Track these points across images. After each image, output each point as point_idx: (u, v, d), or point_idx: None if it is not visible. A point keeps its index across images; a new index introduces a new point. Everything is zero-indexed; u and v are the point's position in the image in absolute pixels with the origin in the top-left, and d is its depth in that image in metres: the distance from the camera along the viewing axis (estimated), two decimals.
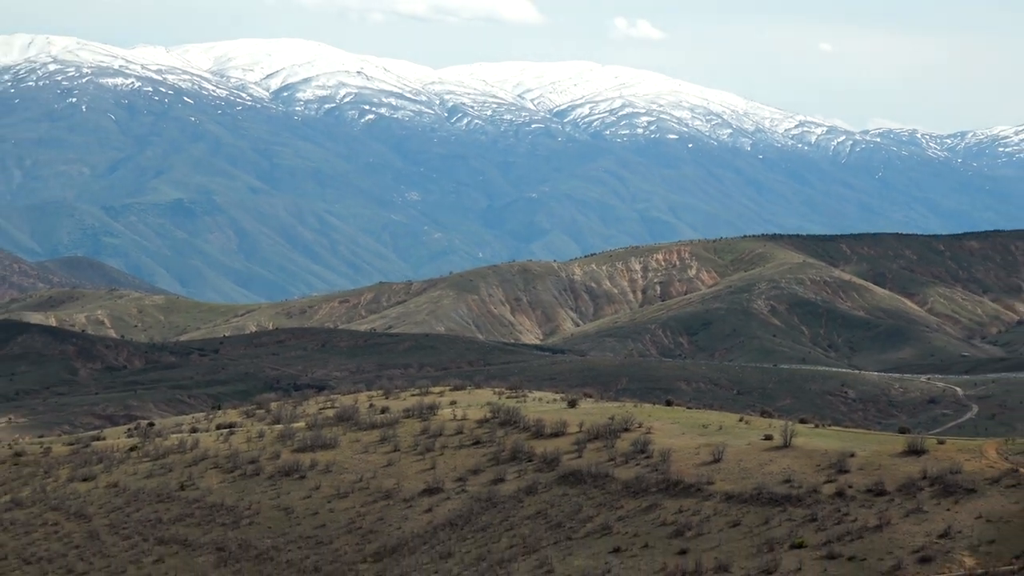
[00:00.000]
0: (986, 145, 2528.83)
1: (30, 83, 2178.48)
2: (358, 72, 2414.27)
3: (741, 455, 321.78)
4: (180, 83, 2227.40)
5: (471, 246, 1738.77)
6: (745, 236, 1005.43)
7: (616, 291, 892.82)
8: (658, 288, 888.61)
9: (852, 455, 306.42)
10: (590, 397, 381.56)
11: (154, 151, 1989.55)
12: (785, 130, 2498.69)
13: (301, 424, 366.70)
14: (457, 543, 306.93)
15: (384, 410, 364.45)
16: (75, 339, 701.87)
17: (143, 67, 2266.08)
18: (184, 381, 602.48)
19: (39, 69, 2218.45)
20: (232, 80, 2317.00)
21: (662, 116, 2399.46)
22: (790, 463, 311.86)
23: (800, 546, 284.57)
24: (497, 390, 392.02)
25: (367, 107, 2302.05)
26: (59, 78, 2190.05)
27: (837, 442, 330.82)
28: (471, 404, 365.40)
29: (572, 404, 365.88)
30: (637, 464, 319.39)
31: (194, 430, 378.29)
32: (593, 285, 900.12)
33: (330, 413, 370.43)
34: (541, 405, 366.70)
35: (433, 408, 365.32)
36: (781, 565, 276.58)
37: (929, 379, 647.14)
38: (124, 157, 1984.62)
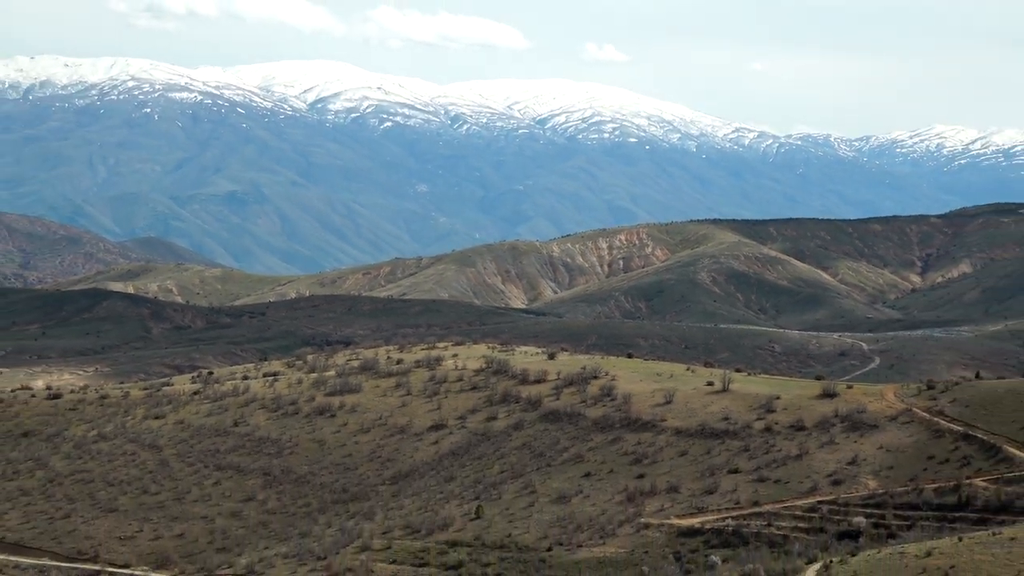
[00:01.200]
0: (886, 147, 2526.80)
1: (112, 97, 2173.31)
2: (378, 88, 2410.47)
3: (688, 398, 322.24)
4: (234, 97, 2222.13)
5: (469, 229, 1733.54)
6: (691, 220, 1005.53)
7: (587, 265, 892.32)
8: (621, 263, 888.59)
9: (778, 398, 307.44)
10: (566, 351, 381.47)
11: (212, 152, 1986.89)
12: (724, 135, 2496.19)
13: (332, 373, 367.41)
14: (458, 469, 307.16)
15: (399, 361, 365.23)
16: (149, 304, 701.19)
17: (204, 84, 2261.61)
18: (237, 338, 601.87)
19: (120, 86, 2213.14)
20: (276, 94, 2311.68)
21: (624, 124, 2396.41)
22: (728, 404, 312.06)
23: (736, 471, 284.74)
24: (490, 345, 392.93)
25: (385, 116, 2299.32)
26: (136, 93, 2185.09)
27: (766, 387, 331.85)
28: (469, 356, 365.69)
29: (551, 356, 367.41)
30: (604, 405, 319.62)
31: (245, 378, 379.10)
32: (568, 260, 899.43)
33: (355, 364, 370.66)
34: (526, 357, 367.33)
35: (439, 360, 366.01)
36: (720, 486, 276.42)
37: (840, 336, 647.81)
38: (188, 157, 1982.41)
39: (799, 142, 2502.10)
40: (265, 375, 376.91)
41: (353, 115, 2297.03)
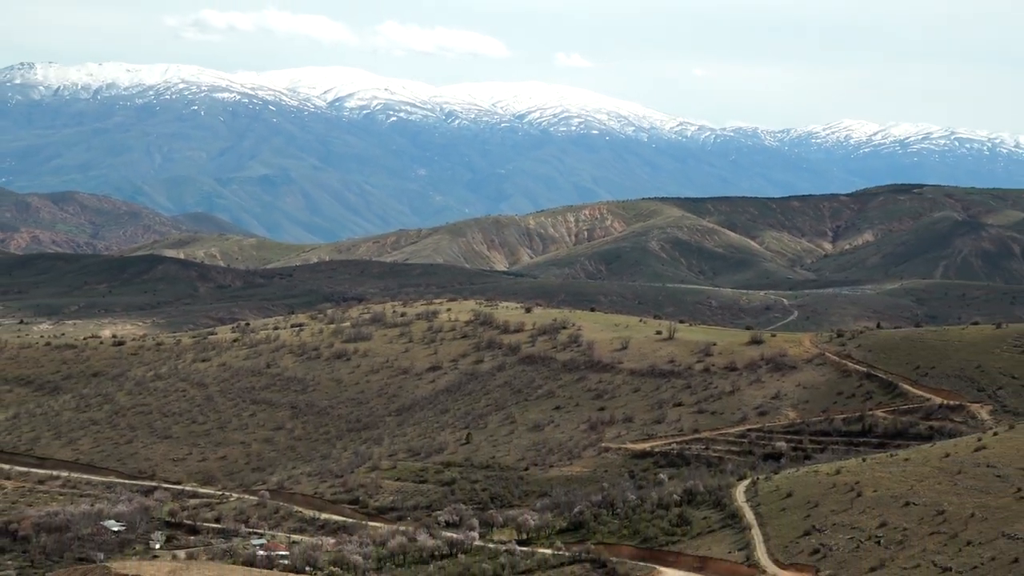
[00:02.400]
0: (804, 138, 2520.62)
1: (166, 96, 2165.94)
2: (385, 89, 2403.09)
3: (640, 344, 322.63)
4: (266, 96, 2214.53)
5: (460, 205, 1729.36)
6: (643, 198, 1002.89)
7: (557, 235, 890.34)
8: (585, 233, 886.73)
9: (714, 344, 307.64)
10: (540, 306, 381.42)
11: (248, 142, 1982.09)
12: (670, 128, 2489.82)
13: (347, 324, 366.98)
14: (451, 403, 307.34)
15: (402, 315, 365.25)
16: (196, 267, 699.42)
17: (241, 86, 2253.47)
18: (269, 295, 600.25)
19: (172, 87, 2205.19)
20: (301, 94, 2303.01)
21: (588, 119, 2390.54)
22: (673, 349, 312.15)
23: (680, 405, 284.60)
24: (478, 301, 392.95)
25: (391, 112, 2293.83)
26: (185, 93, 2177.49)
27: (704, 336, 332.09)
28: (460, 311, 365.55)
29: (528, 310, 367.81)
30: (571, 350, 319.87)
31: (276, 328, 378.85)
32: (542, 231, 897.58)
33: (367, 316, 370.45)
34: (507, 311, 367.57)
35: (435, 313, 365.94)
36: (667, 417, 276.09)
37: (765, 293, 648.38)
38: (228, 146, 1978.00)
39: (732, 134, 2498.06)
40: (292, 326, 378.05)
41: (364, 112, 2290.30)
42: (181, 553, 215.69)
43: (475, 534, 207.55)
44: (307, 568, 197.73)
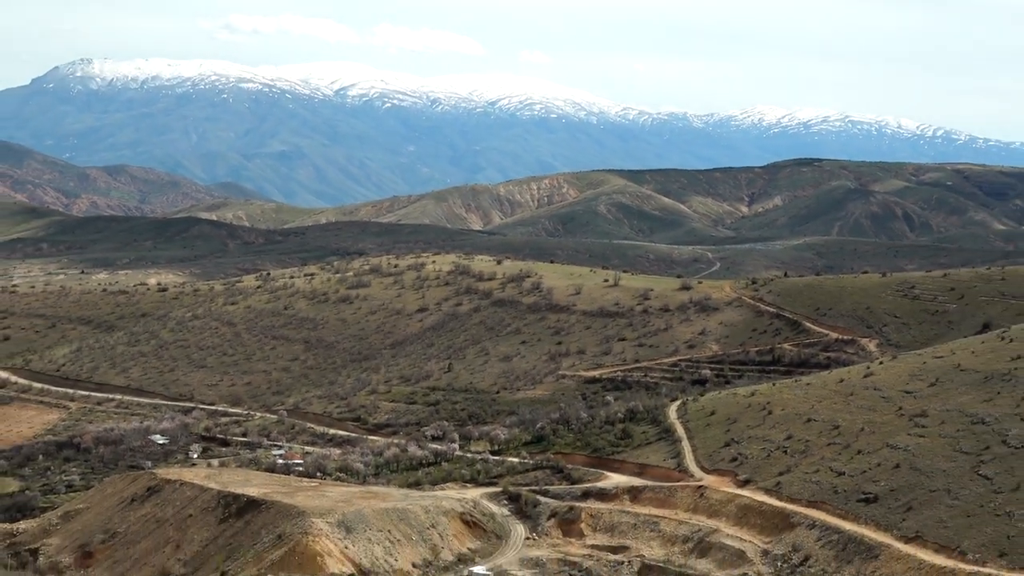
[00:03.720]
0: (725, 120, 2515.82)
1: (200, 87, 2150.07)
2: (381, 80, 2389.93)
3: (591, 290, 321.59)
4: (284, 86, 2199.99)
5: (443, 176, 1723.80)
6: (593, 170, 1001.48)
7: (523, 201, 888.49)
8: (545, 199, 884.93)
9: (651, 290, 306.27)
10: (509, 258, 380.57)
11: (269, 124, 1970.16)
12: (615, 112, 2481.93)
13: (350, 273, 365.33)
14: (436, 338, 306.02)
15: (396, 266, 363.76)
16: (226, 227, 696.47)
17: (263, 78, 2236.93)
18: (286, 250, 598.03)
19: (206, 79, 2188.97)
20: (312, 85, 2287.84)
21: (548, 105, 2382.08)
22: (618, 294, 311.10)
23: (623, 339, 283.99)
24: (458, 255, 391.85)
25: (387, 99, 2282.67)
26: (217, 84, 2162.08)
27: (643, 283, 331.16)
28: (443, 263, 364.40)
29: (499, 262, 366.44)
30: (534, 295, 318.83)
31: (291, 277, 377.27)
32: (510, 197, 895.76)
33: (366, 267, 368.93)
34: (482, 263, 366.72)
35: (422, 265, 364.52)
36: (613, 350, 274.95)
37: (693, 248, 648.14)
38: (252, 127, 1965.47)
39: (666, 117, 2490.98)
40: (305, 275, 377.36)
41: (364, 99, 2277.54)
42: (215, 461, 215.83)
43: (456, 446, 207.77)
44: (318, 474, 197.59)
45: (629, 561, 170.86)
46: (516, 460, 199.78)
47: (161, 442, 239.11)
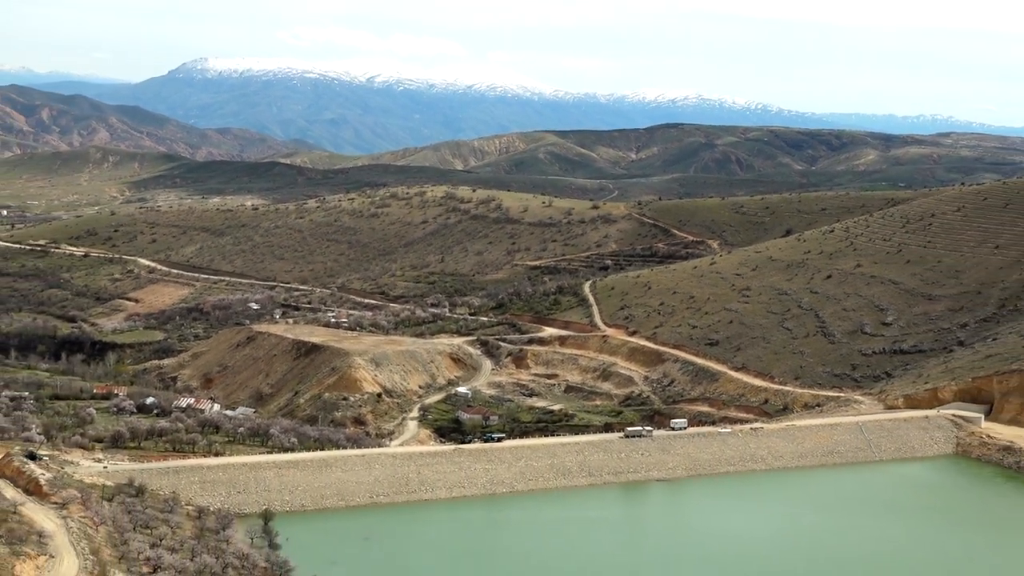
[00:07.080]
0: (621, 98, 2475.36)
1: (278, 76, 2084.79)
2: (396, 71, 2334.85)
3: (534, 209, 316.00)
4: (332, 76, 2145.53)
5: (438, 136, 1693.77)
6: (535, 131, 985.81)
7: (490, 151, 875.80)
8: (505, 150, 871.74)
9: (573, 208, 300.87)
10: (480, 188, 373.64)
11: (323, 101, 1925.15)
12: (550, 93, 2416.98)
13: (377, 198, 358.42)
14: (434, 240, 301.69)
15: (407, 193, 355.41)
16: (296, 168, 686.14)
17: (319, 70, 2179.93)
18: (336, 184, 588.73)
19: (282, 71, 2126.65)
20: (351, 74, 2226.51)
21: (506, 88, 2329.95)
22: (551, 212, 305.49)
23: (555, 241, 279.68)
24: (447, 186, 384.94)
25: (400, 84, 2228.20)
26: (289, 74, 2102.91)
27: (568, 204, 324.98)
28: (438, 191, 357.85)
29: (474, 191, 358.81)
30: (496, 212, 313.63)
31: (339, 200, 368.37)
32: (481, 149, 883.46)
33: (388, 195, 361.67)
34: (464, 191, 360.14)
35: (424, 192, 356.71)
36: (548, 248, 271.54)
37: (601, 181, 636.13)
38: (312, 103, 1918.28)
39: (584, 96, 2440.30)
40: (348, 199, 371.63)
41: (386, 84, 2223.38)
42: (290, 320, 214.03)
43: (447, 310, 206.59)
44: (357, 327, 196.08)
45: (558, 383, 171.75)
46: (486, 319, 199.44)
47: (255, 307, 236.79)
